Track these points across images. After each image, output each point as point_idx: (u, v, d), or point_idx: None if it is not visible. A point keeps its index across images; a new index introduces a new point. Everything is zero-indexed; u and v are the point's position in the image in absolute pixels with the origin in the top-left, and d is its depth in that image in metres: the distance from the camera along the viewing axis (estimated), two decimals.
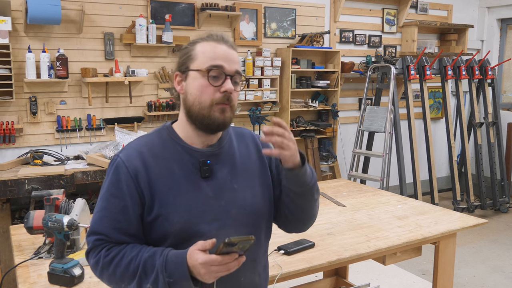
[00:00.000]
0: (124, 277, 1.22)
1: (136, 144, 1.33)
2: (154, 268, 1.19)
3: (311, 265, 1.97)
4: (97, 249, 1.26)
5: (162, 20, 4.18)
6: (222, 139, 1.37)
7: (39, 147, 3.84)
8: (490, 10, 6.36)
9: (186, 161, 1.30)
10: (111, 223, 1.26)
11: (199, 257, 1.15)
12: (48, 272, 1.77)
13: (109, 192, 1.27)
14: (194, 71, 1.28)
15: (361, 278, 3.76)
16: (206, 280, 1.16)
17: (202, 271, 1.15)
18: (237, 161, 1.37)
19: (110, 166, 1.31)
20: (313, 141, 5.04)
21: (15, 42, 3.70)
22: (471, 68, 5.48)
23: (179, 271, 1.16)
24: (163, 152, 1.30)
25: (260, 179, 1.40)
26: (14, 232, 2.26)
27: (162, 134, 1.34)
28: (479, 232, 4.95)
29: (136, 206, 1.26)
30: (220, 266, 1.14)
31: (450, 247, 2.47)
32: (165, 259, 1.19)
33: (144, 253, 1.22)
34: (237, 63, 1.31)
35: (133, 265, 1.21)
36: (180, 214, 1.26)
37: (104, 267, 1.24)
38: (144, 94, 4.27)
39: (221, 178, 1.32)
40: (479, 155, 5.63)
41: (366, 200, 2.91)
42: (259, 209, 1.37)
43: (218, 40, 1.30)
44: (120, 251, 1.24)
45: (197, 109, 1.27)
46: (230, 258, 1.14)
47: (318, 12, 5.15)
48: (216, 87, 1.27)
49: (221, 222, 1.29)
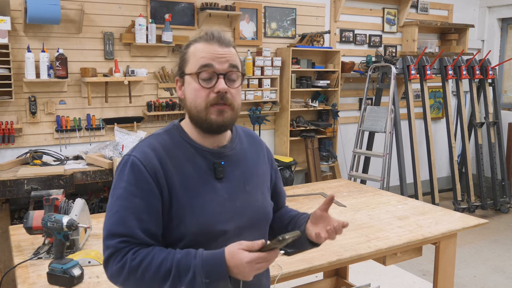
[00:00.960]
0: (155, 281, 1.16)
1: (149, 143, 1.28)
2: (189, 269, 1.15)
3: (311, 265, 1.96)
4: (121, 252, 1.18)
5: (162, 20, 4.17)
6: (233, 140, 1.36)
7: (38, 147, 3.83)
8: (491, 9, 6.35)
9: (200, 162, 1.28)
10: (135, 223, 1.19)
11: (245, 256, 1.12)
12: (47, 272, 1.76)
13: (128, 191, 1.21)
14: (188, 75, 1.27)
15: (361, 278, 3.75)
16: (247, 278, 1.14)
17: (247, 269, 1.12)
18: (248, 163, 1.37)
19: (123, 165, 1.25)
20: (313, 141, 5.03)
21: (15, 42, 3.69)
22: (471, 68, 5.47)
23: (218, 272, 1.14)
24: (176, 152, 1.27)
25: (266, 184, 1.43)
26: (14, 232, 2.25)
27: (174, 134, 1.31)
28: (480, 233, 4.93)
29: (158, 205, 1.22)
30: (264, 262, 1.13)
31: (451, 248, 2.46)
32: (202, 260, 1.15)
33: (176, 254, 1.17)
34: (230, 59, 1.26)
35: (165, 267, 1.15)
36: (197, 217, 1.24)
37: (132, 271, 1.16)
38: (144, 94, 4.26)
39: (234, 179, 1.32)
40: (479, 155, 5.62)
41: (366, 200, 2.91)
42: (267, 213, 1.40)
43: (208, 39, 1.26)
44: (149, 253, 1.17)
45: (195, 113, 1.26)
46: (275, 254, 1.13)
47: (318, 11, 5.14)
48: (209, 89, 1.24)
49: (236, 223, 1.29)
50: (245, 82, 4.60)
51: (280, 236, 1.08)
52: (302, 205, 2.78)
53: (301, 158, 5.12)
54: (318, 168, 5.06)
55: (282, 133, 4.92)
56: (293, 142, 4.99)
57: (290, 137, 4.85)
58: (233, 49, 1.29)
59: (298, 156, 5.09)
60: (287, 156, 4.82)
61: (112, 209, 1.22)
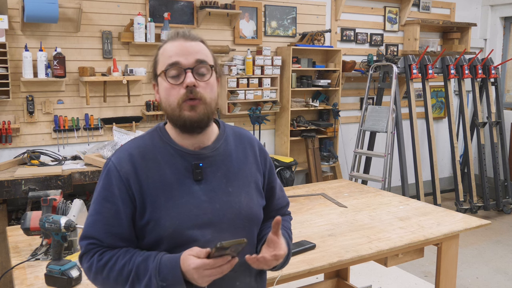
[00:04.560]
0: (118, 282, 1.22)
1: (128, 147, 1.31)
2: (147, 272, 1.18)
3: (311, 266, 1.94)
4: (89, 254, 1.25)
5: (161, 19, 4.14)
6: (217, 141, 1.34)
7: (36, 147, 3.80)
8: (493, 8, 6.32)
9: (179, 164, 1.28)
10: (103, 227, 1.25)
11: (192, 262, 1.14)
12: (45, 274, 1.76)
13: (101, 196, 1.27)
14: (159, 76, 1.28)
15: (362, 280, 3.72)
16: (200, 284, 1.16)
17: (195, 275, 1.14)
18: (233, 163, 1.35)
19: (103, 169, 1.31)
20: (313, 141, 5.00)
21: (12, 41, 3.66)
22: (474, 67, 5.43)
23: (173, 275, 1.16)
24: (155, 154, 1.29)
25: (255, 184, 1.38)
26: (11, 233, 2.24)
27: (155, 136, 1.33)
28: (482, 233, 4.90)
29: (128, 210, 1.25)
30: (213, 269, 1.13)
31: (453, 249, 2.44)
32: (159, 263, 1.18)
33: (137, 257, 1.21)
34: (197, 53, 1.25)
35: (126, 269, 1.20)
36: (172, 218, 1.24)
37: (98, 271, 1.23)
38: (143, 94, 4.23)
39: (215, 181, 1.30)
40: (482, 155, 5.58)
41: (367, 201, 2.88)
42: (253, 214, 1.36)
43: (173, 37, 1.28)
44: (113, 255, 1.23)
45: (169, 112, 1.26)
46: (222, 261, 1.13)
47: (319, 10, 5.10)
48: (178, 85, 1.24)
49: (216, 225, 1.28)
50: (245, 82, 4.58)
51: (218, 243, 1.08)
52: (303, 206, 2.75)
53: (302, 158, 5.09)
54: (318, 168, 5.03)
55: (283, 133, 4.89)
56: (294, 142, 4.96)
57: (290, 137, 4.81)
58: (201, 43, 1.29)
59: (298, 156, 5.05)
60: (287, 156, 4.79)
61: (89, 212, 1.30)
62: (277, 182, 1.50)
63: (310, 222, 2.47)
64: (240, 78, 4.51)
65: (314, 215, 2.59)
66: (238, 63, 4.51)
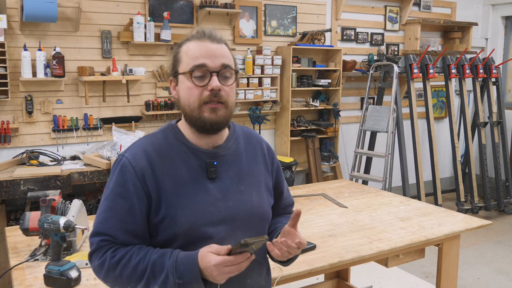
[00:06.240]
0: (132, 279, 1.21)
1: (142, 144, 1.31)
2: (163, 269, 1.18)
3: (312, 267, 1.93)
4: (102, 250, 1.24)
5: (161, 18, 4.13)
6: (229, 140, 1.36)
7: (35, 147, 3.79)
8: (495, 7, 6.30)
9: (193, 162, 1.30)
10: (117, 223, 1.24)
11: (212, 258, 1.14)
12: (44, 274, 1.76)
13: (115, 192, 1.26)
14: (181, 74, 1.28)
15: (363, 280, 3.71)
16: (218, 281, 1.16)
17: (215, 272, 1.14)
18: (243, 163, 1.37)
19: (115, 165, 1.30)
20: (314, 141, 4.98)
21: (11, 40, 3.65)
22: (475, 67, 5.42)
23: (190, 273, 1.16)
24: (169, 152, 1.29)
25: (264, 183, 1.41)
26: (10, 234, 2.24)
27: (168, 134, 1.33)
28: (483, 234, 4.89)
29: (143, 206, 1.25)
30: (233, 266, 1.14)
31: (454, 249, 2.44)
32: (176, 260, 1.18)
33: (152, 254, 1.21)
34: (223, 57, 1.27)
35: (141, 266, 1.20)
36: (187, 216, 1.25)
37: (111, 268, 1.22)
38: (142, 93, 4.22)
39: (228, 179, 1.32)
40: (483, 155, 5.57)
41: (368, 201, 2.87)
42: (264, 212, 1.39)
43: (200, 37, 1.28)
44: (127, 252, 1.22)
45: (188, 111, 1.27)
46: (242, 258, 1.14)
47: (319, 9, 5.09)
48: (202, 87, 1.25)
49: (230, 223, 1.30)
50: (245, 82, 4.57)
51: (242, 240, 1.09)
52: (303, 206, 2.73)
53: (302, 158, 5.07)
54: (319, 168, 5.01)
55: (283, 133, 4.87)
56: (294, 142, 4.94)
57: (290, 137, 4.80)
58: (225, 46, 1.30)
59: (298, 156, 5.04)
60: (287, 156, 4.78)
61: (100, 208, 1.28)
62: (284, 181, 1.54)
63: (311, 222, 2.46)
64: (240, 78, 4.49)
65: (315, 216, 2.57)
66: (238, 63, 4.50)
